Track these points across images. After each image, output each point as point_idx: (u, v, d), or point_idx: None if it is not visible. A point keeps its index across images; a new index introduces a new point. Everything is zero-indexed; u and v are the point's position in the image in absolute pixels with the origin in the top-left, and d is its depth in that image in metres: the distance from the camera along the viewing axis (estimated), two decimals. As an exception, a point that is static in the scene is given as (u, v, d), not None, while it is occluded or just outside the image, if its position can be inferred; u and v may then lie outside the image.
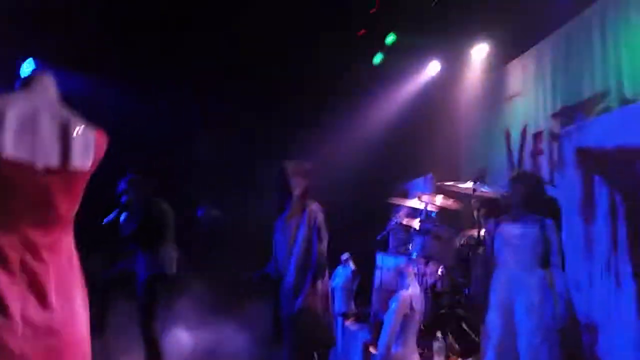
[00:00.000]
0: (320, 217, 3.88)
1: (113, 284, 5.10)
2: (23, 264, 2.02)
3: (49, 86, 2.27)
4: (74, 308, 2.16)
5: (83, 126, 2.19)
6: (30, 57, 5.27)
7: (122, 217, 4.52)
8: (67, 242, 2.21)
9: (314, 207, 3.90)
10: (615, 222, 3.20)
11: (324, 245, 3.84)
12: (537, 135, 5.66)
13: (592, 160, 3.38)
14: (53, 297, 2.07)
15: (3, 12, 5.00)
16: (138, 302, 4.42)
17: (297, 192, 3.87)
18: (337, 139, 7.06)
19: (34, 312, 2.02)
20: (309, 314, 3.73)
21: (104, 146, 2.27)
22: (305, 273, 3.79)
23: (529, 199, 3.70)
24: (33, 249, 2.05)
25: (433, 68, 6.99)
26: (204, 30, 6.25)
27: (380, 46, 6.90)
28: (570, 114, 4.97)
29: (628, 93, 4.40)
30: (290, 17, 6.03)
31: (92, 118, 2.26)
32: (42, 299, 2.05)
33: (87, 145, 2.18)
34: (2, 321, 1.95)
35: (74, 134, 2.15)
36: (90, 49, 5.80)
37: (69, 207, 2.19)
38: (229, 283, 5.64)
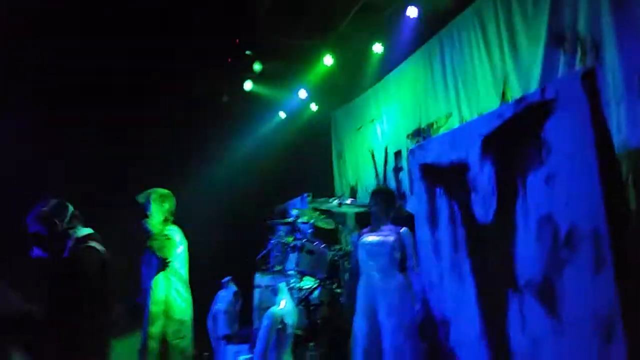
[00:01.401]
0: None
1: None
2: None
3: None
4: None
5: None
6: None
7: None
8: None
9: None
10: (455, 227, 3.69)
11: None
12: (397, 154, 6.22)
13: (432, 175, 3.86)
14: None
15: None
16: None
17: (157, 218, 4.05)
18: (212, 166, 7.20)
19: None
20: None
21: None
22: None
23: (386, 210, 4.13)
24: None
25: (301, 94, 7.38)
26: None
27: (249, 73, 7.11)
28: (421, 134, 5.57)
29: (466, 116, 5.04)
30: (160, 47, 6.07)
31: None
32: None
33: None
34: None
35: None
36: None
37: None
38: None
